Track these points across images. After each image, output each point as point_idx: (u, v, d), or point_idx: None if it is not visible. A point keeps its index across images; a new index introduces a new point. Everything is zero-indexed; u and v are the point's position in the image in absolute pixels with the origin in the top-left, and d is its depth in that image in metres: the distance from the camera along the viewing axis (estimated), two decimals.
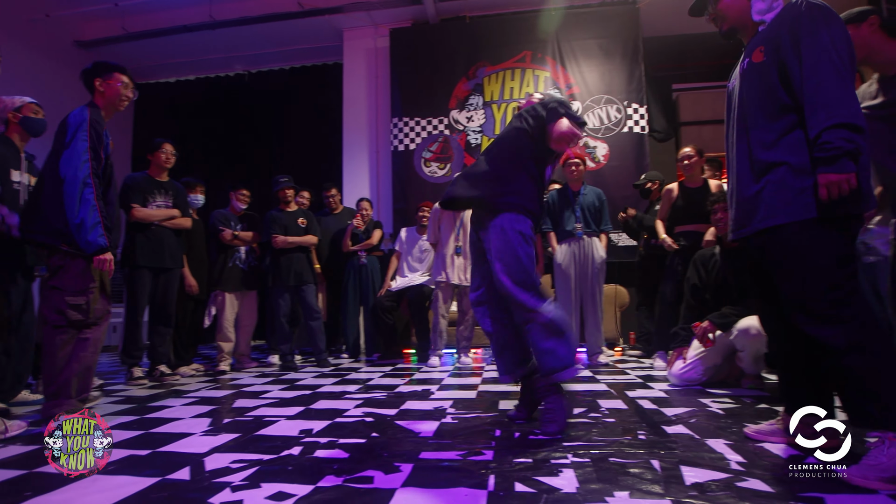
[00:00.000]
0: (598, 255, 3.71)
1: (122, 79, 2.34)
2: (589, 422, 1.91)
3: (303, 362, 4.24)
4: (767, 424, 1.66)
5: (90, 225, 2.06)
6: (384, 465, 1.44)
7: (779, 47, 1.45)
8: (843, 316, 1.33)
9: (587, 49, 5.63)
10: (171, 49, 6.64)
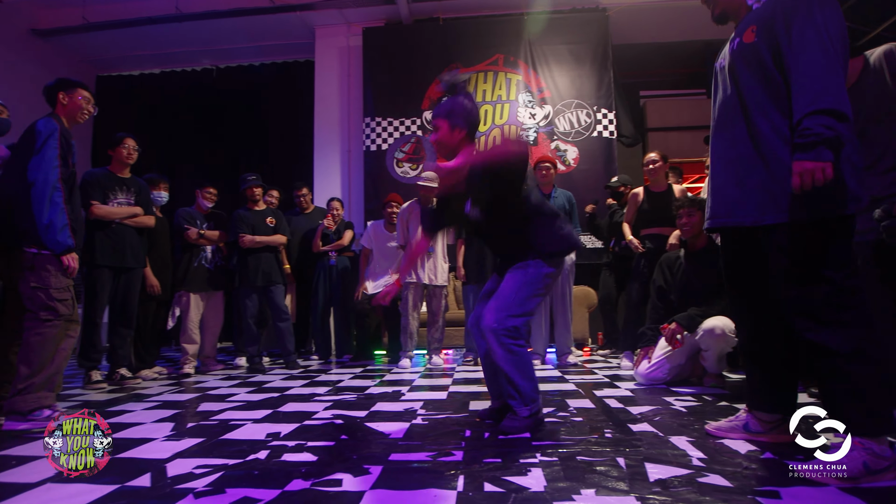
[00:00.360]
0: (568, 257, 3.77)
1: (84, 94, 2.42)
2: (557, 421, 1.94)
3: (271, 364, 4.16)
4: (727, 421, 1.71)
5: (59, 226, 2.12)
6: (353, 467, 1.43)
7: (772, 28, 1.40)
8: (845, 320, 1.30)
9: (558, 54, 5.73)
10: (135, 41, 6.42)
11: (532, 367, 1.83)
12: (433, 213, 2.13)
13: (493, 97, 5.76)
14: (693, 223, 2.78)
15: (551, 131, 5.64)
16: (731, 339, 2.53)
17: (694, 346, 2.69)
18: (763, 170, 1.43)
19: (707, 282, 2.73)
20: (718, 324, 2.54)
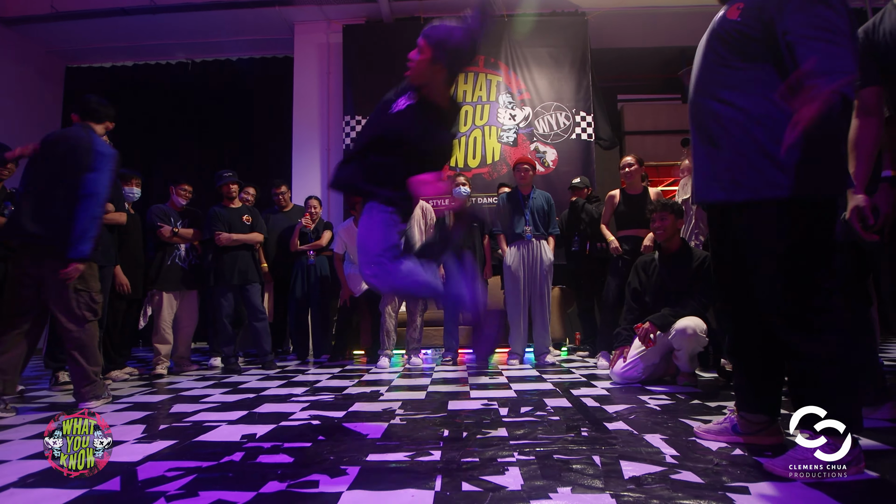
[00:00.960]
0: (547, 257, 3.81)
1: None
2: (535, 420, 1.96)
3: (247, 365, 4.09)
4: (716, 424, 1.66)
5: (89, 237, 2.33)
6: (330, 468, 1.42)
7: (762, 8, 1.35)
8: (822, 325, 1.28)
9: (538, 56, 5.78)
10: (107, 32, 6.24)
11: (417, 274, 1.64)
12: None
13: (474, 98, 5.77)
14: (666, 226, 2.84)
15: (531, 133, 5.68)
16: (703, 338, 2.60)
17: (667, 345, 2.74)
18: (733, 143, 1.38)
19: (680, 283, 2.80)
20: (690, 324, 2.60)
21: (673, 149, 6.08)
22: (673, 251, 2.89)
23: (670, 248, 2.89)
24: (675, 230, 2.87)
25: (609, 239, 3.71)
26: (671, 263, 2.87)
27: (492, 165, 5.66)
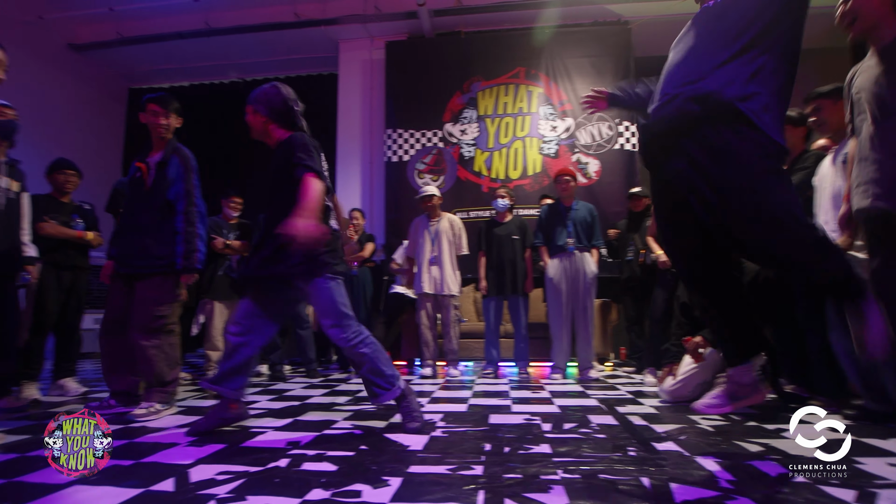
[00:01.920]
0: (590, 269, 3.73)
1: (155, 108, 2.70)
2: (579, 437, 1.90)
3: (292, 373, 4.19)
4: (711, 397, 1.69)
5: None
6: (372, 478, 1.42)
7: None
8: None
9: (580, 66, 5.73)
10: (166, 55, 6.65)
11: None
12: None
13: (514, 109, 5.78)
14: None
15: (572, 144, 5.62)
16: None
17: (719, 363, 2.62)
18: None
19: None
20: None
21: None
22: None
23: None
24: None
25: (657, 253, 3.59)
26: None
27: (533, 177, 5.63)
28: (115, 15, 6.08)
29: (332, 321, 2.03)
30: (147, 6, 6.00)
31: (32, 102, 2.64)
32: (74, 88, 6.56)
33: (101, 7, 5.96)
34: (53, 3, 5.89)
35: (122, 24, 6.24)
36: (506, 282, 3.94)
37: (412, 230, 4.12)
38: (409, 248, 4.11)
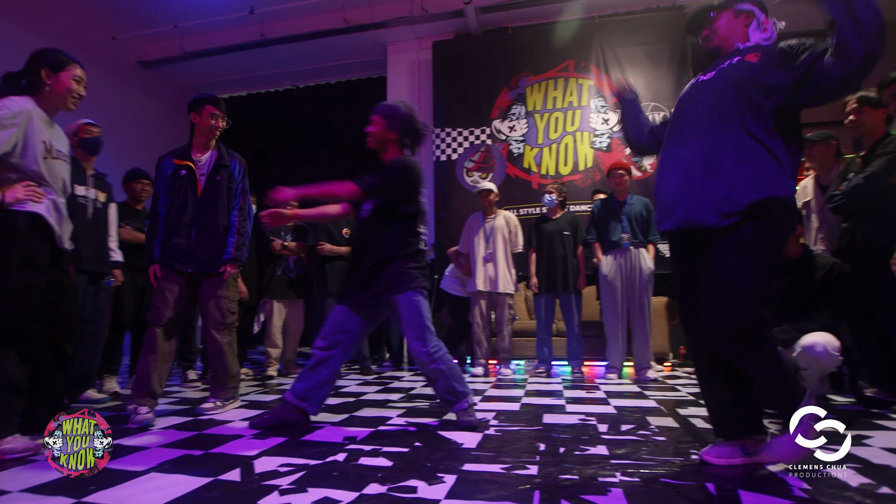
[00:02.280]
0: (646, 266, 3.60)
1: (212, 110, 2.58)
2: (638, 439, 1.84)
3: (346, 370, 4.30)
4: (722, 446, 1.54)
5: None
6: (427, 475, 1.44)
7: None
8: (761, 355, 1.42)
9: (632, 56, 5.53)
10: (225, 67, 7.00)
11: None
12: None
13: (564, 104, 5.66)
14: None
15: None
16: (835, 357, 2.28)
17: (790, 364, 2.46)
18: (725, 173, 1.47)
19: (803, 294, 2.49)
20: (819, 340, 2.30)
21: None
22: (793, 259, 2.58)
23: (790, 256, 2.59)
24: (794, 237, 2.57)
25: None
26: (792, 272, 2.57)
27: (584, 172, 5.49)
28: (178, 31, 6.46)
29: (417, 334, 2.09)
30: (207, 21, 6.33)
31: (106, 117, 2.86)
32: (143, 102, 7.03)
33: (166, 24, 6.36)
34: (125, 24, 6.33)
35: (185, 39, 6.62)
36: (557, 279, 3.87)
37: (467, 226, 4.12)
38: (462, 245, 4.11)
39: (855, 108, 2.51)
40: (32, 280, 1.76)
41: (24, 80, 1.88)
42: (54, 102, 1.91)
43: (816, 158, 2.95)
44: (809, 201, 3.04)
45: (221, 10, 6.15)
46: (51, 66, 1.88)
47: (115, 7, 6.12)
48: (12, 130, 1.74)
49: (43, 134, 1.84)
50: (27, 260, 1.75)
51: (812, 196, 3.00)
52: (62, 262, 1.95)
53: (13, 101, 1.78)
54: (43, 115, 1.88)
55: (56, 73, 1.88)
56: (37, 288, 1.78)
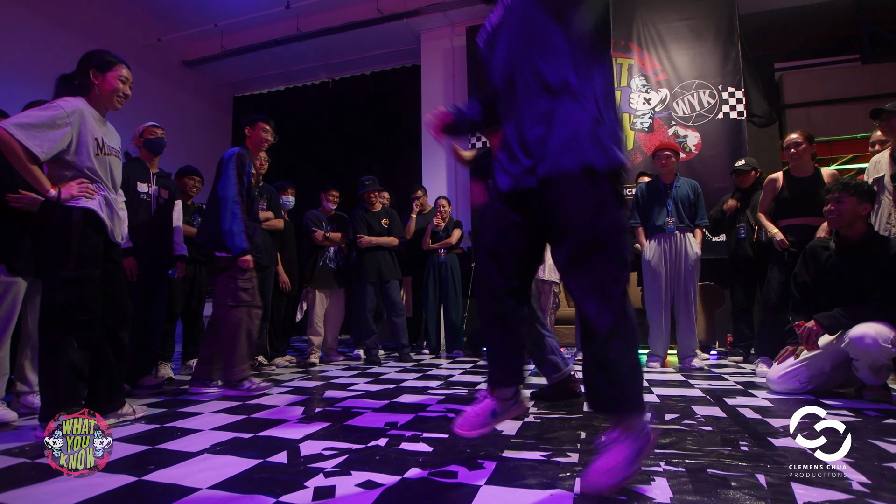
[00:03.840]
0: (693, 251, 3.48)
1: (265, 126, 2.91)
2: (683, 429, 1.79)
3: (386, 357, 4.38)
4: (475, 415, 1.43)
5: (237, 233, 2.61)
6: (467, 461, 1.45)
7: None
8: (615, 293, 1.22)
9: (675, 32, 5.30)
10: (264, 62, 7.15)
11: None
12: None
13: None
14: (843, 210, 2.38)
15: (669, 116, 5.24)
16: (889, 350, 2.13)
17: (839, 353, 2.32)
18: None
19: (864, 280, 2.34)
20: (870, 332, 2.15)
21: (848, 119, 5.16)
22: (854, 241, 2.42)
23: (851, 236, 2.43)
24: (858, 216, 2.39)
25: (772, 231, 3.24)
26: (853, 256, 2.42)
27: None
28: (218, 30, 6.64)
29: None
30: (246, 19, 6.48)
31: (154, 115, 3.00)
32: (187, 100, 7.29)
33: (207, 24, 6.55)
34: (169, 25, 6.56)
35: (226, 37, 6.80)
36: None
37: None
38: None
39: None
40: (87, 272, 1.86)
41: (77, 82, 1.98)
42: (103, 102, 2.00)
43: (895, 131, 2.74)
44: (882, 177, 2.84)
45: (259, 6, 6.28)
46: (98, 66, 1.97)
47: (157, 9, 6.35)
48: (66, 129, 1.83)
49: (95, 131, 1.94)
50: (82, 253, 1.85)
51: (888, 171, 2.80)
52: (115, 255, 2.06)
53: (66, 101, 1.87)
54: (95, 114, 1.98)
55: (103, 74, 1.97)
56: (92, 279, 1.88)
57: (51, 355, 1.80)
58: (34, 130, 1.76)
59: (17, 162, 1.75)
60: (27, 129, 1.75)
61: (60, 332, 1.80)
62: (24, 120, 1.76)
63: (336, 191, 4.35)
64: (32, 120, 1.77)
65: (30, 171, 1.77)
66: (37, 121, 1.77)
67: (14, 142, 1.73)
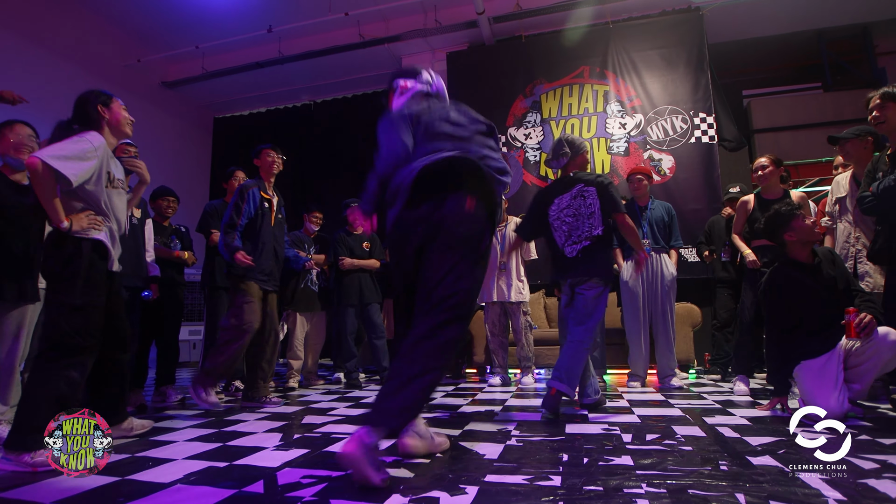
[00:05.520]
0: (669, 271, 3.54)
1: (271, 153, 3.23)
2: (664, 449, 1.80)
3: (367, 380, 4.32)
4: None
5: (222, 247, 2.99)
6: (449, 486, 1.43)
7: None
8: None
9: (648, 60, 5.50)
10: (245, 84, 7.16)
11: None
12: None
13: (580, 110, 5.64)
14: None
15: (644, 140, 5.39)
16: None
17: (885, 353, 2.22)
18: None
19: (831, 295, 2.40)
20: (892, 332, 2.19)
21: (813, 144, 5.38)
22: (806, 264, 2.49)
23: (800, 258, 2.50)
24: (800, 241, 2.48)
25: (745, 252, 3.33)
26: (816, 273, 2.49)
27: None
28: (200, 52, 6.65)
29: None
30: (228, 42, 6.51)
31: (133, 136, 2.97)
32: (167, 121, 7.24)
33: (188, 46, 6.55)
34: (149, 47, 6.55)
35: (207, 59, 6.81)
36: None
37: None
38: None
39: (878, 105, 2.43)
40: (94, 300, 1.93)
41: (76, 125, 2.04)
42: (113, 132, 2.12)
43: (853, 155, 2.87)
44: (844, 197, 2.95)
45: (241, 29, 6.32)
46: (102, 101, 2.08)
47: (138, 30, 6.35)
48: (93, 162, 1.93)
49: (108, 165, 2.04)
50: (90, 282, 1.92)
51: (847, 192, 2.92)
52: (114, 283, 2.14)
53: (94, 136, 1.98)
54: (107, 148, 2.07)
55: (108, 106, 2.10)
56: (98, 307, 1.95)
57: (39, 383, 1.81)
58: (68, 162, 1.85)
59: (45, 191, 1.84)
60: (62, 160, 1.84)
61: (59, 356, 1.83)
62: (59, 152, 1.85)
63: (319, 213, 4.34)
64: (66, 152, 1.86)
65: (52, 202, 1.86)
66: (70, 153, 1.87)
67: (48, 172, 1.81)
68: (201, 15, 6.09)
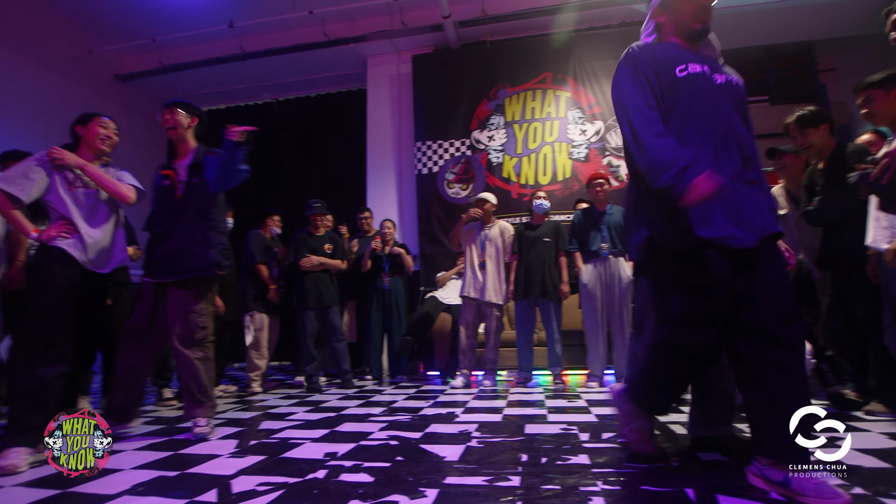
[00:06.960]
0: (626, 274, 3.65)
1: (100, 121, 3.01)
2: (618, 447, 1.85)
3: (327, 384, 4.25)
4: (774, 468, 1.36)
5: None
6: (409, 489, 1.42)
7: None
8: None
9: (608, 69, 5.65)
10: (204, 80, 6.93)
11: None
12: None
13: (543, 114, 5.74)
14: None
15: (603, 147, 5.54)
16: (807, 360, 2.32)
17: None
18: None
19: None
20: None
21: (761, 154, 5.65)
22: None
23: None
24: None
25: None
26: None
27: (563, 182, 5.56)
28: (157, 45, 6.39)
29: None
30: (186, 35, 6.28)
31: None
32: (120, 115, 6.90)
33: (144, 38, 6.29)
34: (102, 37, 6.25)
35: (164, 52, 6.55)
36: (534, 283, 3.88)
37: (465, 230, 4.09)
38: (457, 244, 4.14)
39: (797, 131, 2.54)
40: (56, 302, 2.06)
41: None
42: (89, 148, 2.31)
43: (789, 170, 3.03)
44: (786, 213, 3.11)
45: (200, 24, 6.11)
46: (80, 121, 2.33)
47: (92, 21, 6.05)
48: (38, 176, 2.12)
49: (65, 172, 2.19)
50: (50, 286, 2.08)
51: (787, 208, 3.07)
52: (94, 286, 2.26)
53: (40, 154, 2.17)
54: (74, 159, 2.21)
55: (85, 125, 2.32)
56: (58, 309, 2.06)
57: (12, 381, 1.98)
58: (13, 182, 2.07)
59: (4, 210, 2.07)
60: (7, 182, 2.06)
61: (27, 355, 1.95)
62: (4, 176, 2.10)
63: (278, 215, 4.30)
64: (11, 173, 2.11)
65: (13, 216, 2.08)
66: (14, 173, 2.10)
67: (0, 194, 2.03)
68: (159, 6, 5.86)
